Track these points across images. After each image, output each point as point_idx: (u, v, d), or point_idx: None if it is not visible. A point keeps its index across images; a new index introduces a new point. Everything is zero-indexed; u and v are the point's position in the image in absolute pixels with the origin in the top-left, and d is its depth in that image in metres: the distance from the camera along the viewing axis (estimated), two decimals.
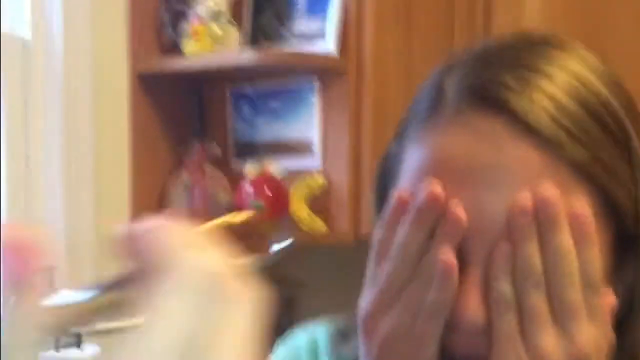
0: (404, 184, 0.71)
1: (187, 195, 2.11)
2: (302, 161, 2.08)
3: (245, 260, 0.52)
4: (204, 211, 2.07)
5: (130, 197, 2.14)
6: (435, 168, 0.70)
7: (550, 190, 0.68)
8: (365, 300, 0.70)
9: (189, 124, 2.20)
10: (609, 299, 0.70)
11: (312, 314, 2.46)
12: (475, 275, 0.68)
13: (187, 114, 2.21)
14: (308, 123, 2.07)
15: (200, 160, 2.11)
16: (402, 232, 0.69)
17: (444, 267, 0.67)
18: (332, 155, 2.05)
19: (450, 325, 0.69)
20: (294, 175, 2.05)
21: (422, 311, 0.68)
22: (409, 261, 0.68)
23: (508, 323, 0.67)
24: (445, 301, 0.68)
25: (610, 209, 0.71)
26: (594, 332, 0.68)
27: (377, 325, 0.70)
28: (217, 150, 2.13)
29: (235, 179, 2.10)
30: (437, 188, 0.68)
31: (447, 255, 0.67)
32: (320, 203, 2.04)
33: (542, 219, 0.67)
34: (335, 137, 2.04)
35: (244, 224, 0.55)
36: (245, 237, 0.54)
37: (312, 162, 2.07)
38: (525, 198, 0.67)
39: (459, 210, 0.67)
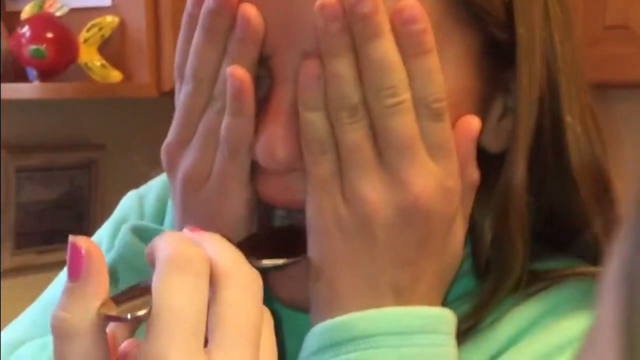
0: None
1: None
2: None
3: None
4: None
5: None
6: None
7: None
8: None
9: None
10: (470, 125, 0.56)
11: (114, 176, 2.23)
12: (281, 99, 0.56)
13: None
14: None
15: None
16: (193, 47, 0.57)
17: (233, 82, 0.55)
18: None
19: (258, 166, 0.57)
20: (82, 16, 1.80)
21: (221, 144, 0.58)
22: (205, 82, 0.57)
23: (322, 165, 0.55)
24: (242, 129, 0.56)
25: (469, 10, 0.56)
26: (435, 174, 0.55)
27: (178, 160, 0.60)
28: None
29: (11, 23, 1.83)
30: None
31: (237, 69, 0.55)
32: (114, 49, 1.81)
33: (353, 24, 0.52)
34: None
35: None
36: None
37: None
38: None
39: (250, 11, 0.54)
